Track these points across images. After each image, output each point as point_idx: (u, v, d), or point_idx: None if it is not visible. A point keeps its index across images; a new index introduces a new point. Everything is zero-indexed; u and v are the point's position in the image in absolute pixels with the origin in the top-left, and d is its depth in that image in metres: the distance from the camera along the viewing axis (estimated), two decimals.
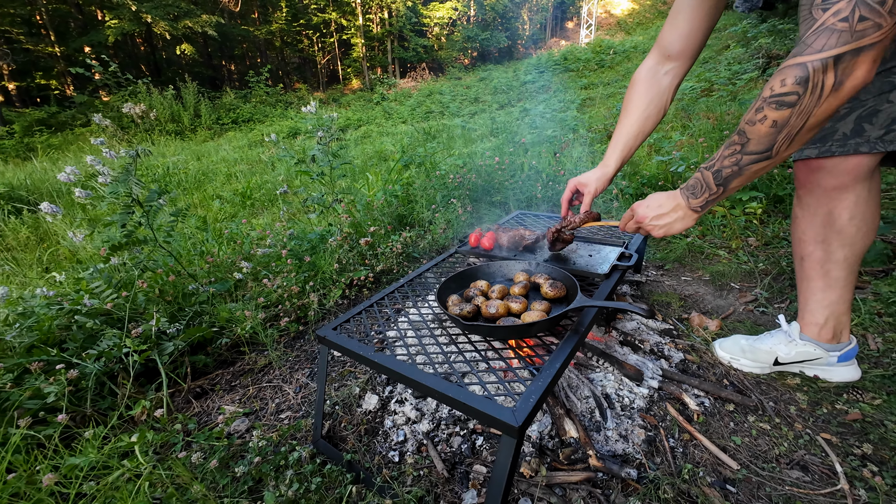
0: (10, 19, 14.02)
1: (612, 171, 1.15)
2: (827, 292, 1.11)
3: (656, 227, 0.96)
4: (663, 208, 0.93)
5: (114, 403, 1.21)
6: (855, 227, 1.05)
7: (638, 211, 0.99)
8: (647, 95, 1.08)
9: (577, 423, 1.05)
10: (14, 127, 10.19)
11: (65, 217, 4.09)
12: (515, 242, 1.50)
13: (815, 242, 1.10)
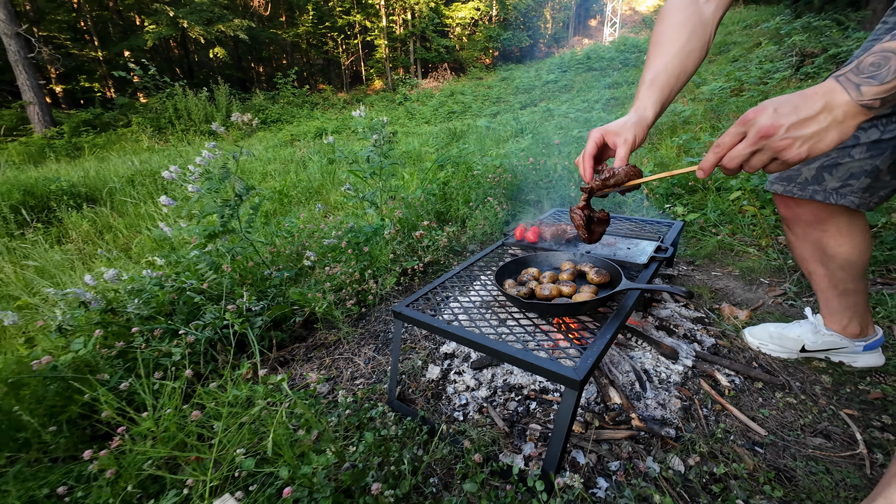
0: (57, 26, 14.91)
1: (651, 115, 0.81)
2: (843, 299, 1.19)
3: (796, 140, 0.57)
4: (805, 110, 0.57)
5: (215, 367, 1.43)
6: (846, 251, 1.08)
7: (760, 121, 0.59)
8: (686, 26, 0.81)
9: (620, 391, 1.20)
10: (63, 127, 10.84)
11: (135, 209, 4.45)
12: (558, 236, 1.65)
13: (815, 262, 1.15)
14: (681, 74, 0.82)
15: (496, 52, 20.91)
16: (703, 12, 0.82)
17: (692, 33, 0.81)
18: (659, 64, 0.81)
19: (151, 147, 10.14)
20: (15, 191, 4.75)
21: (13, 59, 10.22)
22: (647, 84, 0.82)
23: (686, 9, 0.82)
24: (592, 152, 0.83)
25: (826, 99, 0.56)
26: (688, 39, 0.81)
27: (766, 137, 0.58)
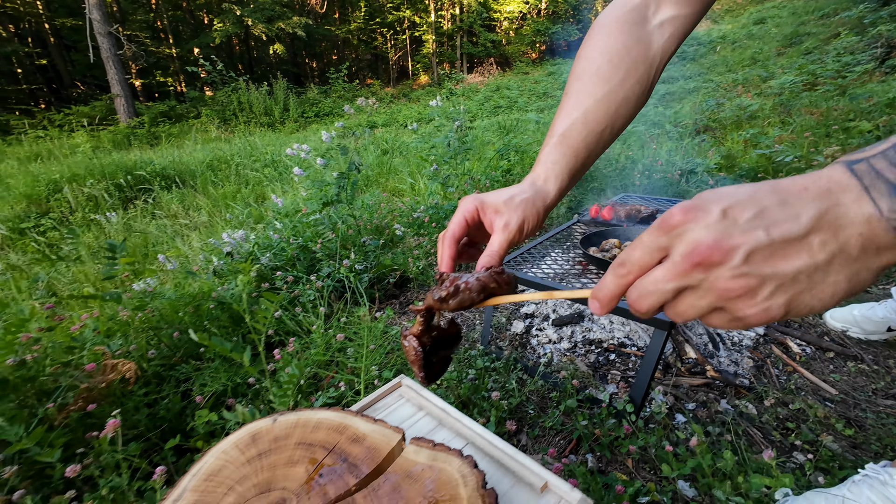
0: (138, 25, 16.40)
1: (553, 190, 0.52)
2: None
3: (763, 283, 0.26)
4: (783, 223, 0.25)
5: (333, 311, 1.70)
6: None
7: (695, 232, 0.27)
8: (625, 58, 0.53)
9: (695, 349, 1.33)
10: (143, 118, 11.96)
11: (215, 189, 4.94)
12: (632, 214, 1.79)
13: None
14: (606, 129, 0.53)
15: (543, 47, 20.61)
16: (650, 41, 0.54)
17: (632, 69, 0.53)
18: (576, 111, 0.53)
19: (218, 137, 10.98)
20: (119, 171, 5.41)
21: (105, 55, 11.39)
22: (557, 140, 0.53)
23: (628, 31, 0.54)
24: (457, 233, 0.50)
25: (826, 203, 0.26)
26: (624, 78, 0.53)
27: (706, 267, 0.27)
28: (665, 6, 0.53)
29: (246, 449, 0.66)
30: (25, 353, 0.88)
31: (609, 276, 0.33)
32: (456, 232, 0.50)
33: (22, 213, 4.66)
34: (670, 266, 0.28)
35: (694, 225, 0.27)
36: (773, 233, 0.25)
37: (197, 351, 1.31)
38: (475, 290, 0.45)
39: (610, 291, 0.33)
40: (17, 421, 0.81)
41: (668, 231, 0.28)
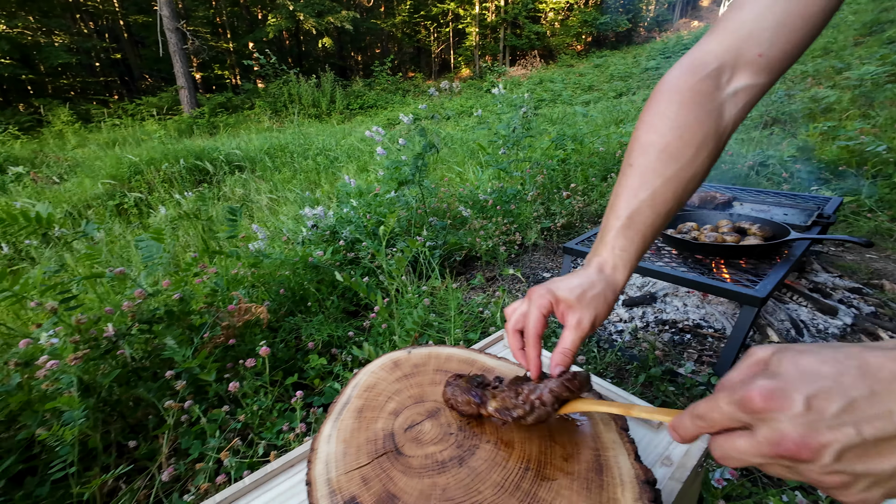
0: (199, 21, 17.45)
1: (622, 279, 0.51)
2: None
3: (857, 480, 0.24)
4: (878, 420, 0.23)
5: (410, 281, 1.81)
6: None
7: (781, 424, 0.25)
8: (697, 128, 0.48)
9: (777, 333, 1.33)
10: (204, 109, 12.74)
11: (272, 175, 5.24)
12: (708, 201, 1.77)
13: None
14: (673, 209, 0.50)
15: (590, 38, 19.96)
16: (722, 112, 0.48)
17: (702, 145, 0.48)
18: (643, 191, 0.49)
19: (270, 127, 11.53)
20: (190, 156, 5.84)
21: (172, 50, 12.21)
22: (623, 223, 0.50)
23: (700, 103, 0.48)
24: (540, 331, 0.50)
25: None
26: (695, 155, 0.48)
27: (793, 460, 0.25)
28: (741, 75, 0.48)
29: (391, 371, 0.76)
30: (182, 292, 1.04)
31: (688, 419, 0.31)
32: (539, 330, 0.49)
33: (108, 192, 5.15)
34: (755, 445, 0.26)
35: (778, 415, 0.25)
36: (864, 431, 0.23)
37: (298, 307, 1.46)
38: (550, 404, 0.48)
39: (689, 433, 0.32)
40: (183, 345, 0.97)
41: (748, 410, 0.26)
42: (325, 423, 0.65)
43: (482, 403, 0.56)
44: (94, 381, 0.90)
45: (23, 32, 12.39)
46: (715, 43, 0.49)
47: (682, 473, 0.60)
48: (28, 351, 0.91)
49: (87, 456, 0.90)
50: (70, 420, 0.79)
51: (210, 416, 0.94)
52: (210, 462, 0.85)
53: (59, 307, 0.89)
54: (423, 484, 0.54)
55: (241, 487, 0.64)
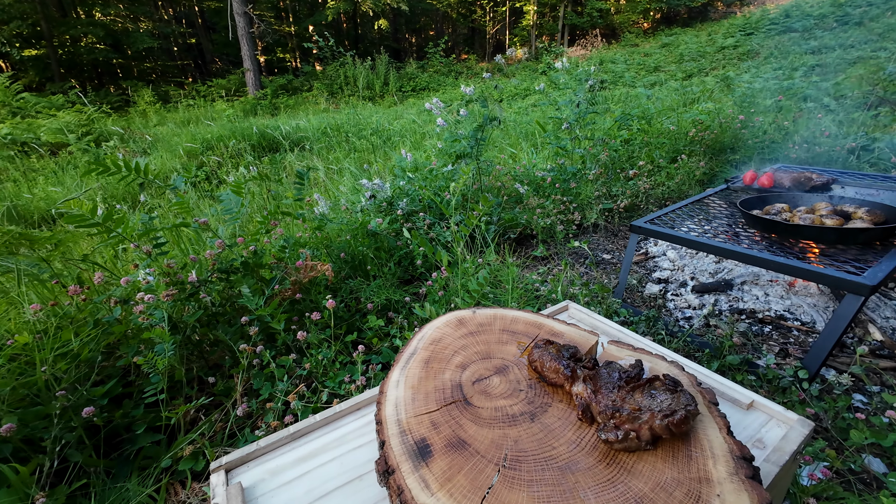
0: (265, 5, 18.23)
1: None
2: None
3: None
4: None
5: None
6: None
7: None
8: None
9: (881, 331, 1.17)
10: (266, 90, 13.38)
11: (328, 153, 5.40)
12: (801, 182, 1.58)
13: None
14: None
15: (658, 15, 18.42)
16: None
17: None
18: None
19: (327, 108, 11.89)
20: (254, 134, 6.18)
21: (240, 33, 12.87)
22: None
23: None
24: None
25: None
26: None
27: None
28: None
29: (456, 328, 0.75)
30: (257, 245, 1.10)
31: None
32: None
33: (185, 165, 5.59)
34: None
35: None
36: None
37: (357, 272, 1.50)
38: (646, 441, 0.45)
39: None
40: (256, 295, 1.02)
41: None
42: (392, 370, 0.66)
43: (571, 378, 0.55)
44: (181, 320, 0.98)
45: (114, 19, 13.63)
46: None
47: (780, 457, 0.54)
48: (127, 289, 1.00)
49: (173, 387, 0.99)
50: (161, 351, 0.86)
51: (279, 361, 0.99)
52: (279, 403, 0.91)
53: (152, 251, 0.97)
54: (494, 434, 0.53)
55: (312, 423, 0.67)
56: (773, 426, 0.60)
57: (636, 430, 0.47)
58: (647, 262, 1.75)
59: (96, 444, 0.85)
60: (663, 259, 1.73)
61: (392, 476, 0.48)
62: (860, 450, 0.87)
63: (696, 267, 1.61)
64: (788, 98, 4.30)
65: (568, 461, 0.49)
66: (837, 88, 4.53)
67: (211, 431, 0.93)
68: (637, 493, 0.44)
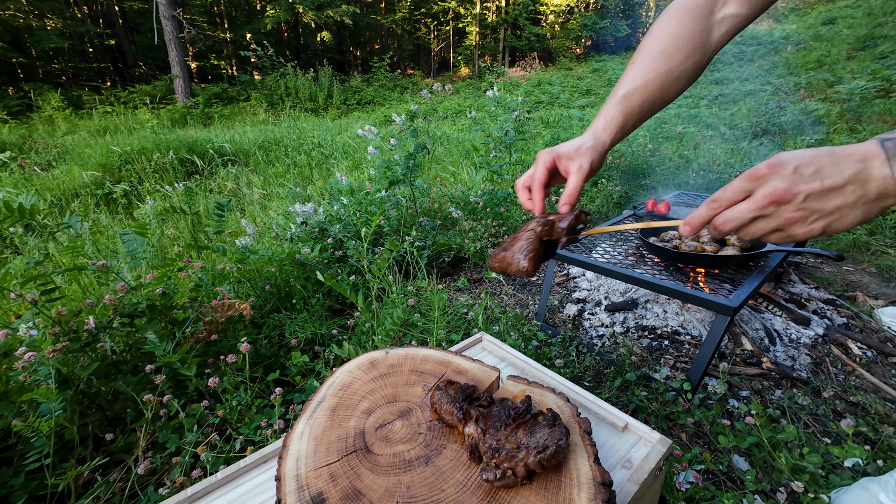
0: (197, 10, 17.23)
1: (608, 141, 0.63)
2: None
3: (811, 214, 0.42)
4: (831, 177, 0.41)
5: (395, 281, 1.82)
6: None
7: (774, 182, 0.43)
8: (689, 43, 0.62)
9: (751, 342, 1.36)
10: (199, 99, 12.58)
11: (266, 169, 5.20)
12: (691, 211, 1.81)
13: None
14: (658, 99, 0.63)
15: (589, 42, 20.05)
16: (711, 31, 0.62)
17: (691, 53, 0.62)
18: (639, 79, 0.62)
19: (266, 120, 11.42)
20: (182, 147, 5.79)
21: (168, 38, 12.05)
22: (618, 100, 0.63)
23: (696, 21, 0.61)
24: (544, 180, 0.62)
25: (861, 166, 0.40)
26: (684, 60, 0.62)
27: (778, 204, 0.42)
28: (731, 3, 0.61)
29: (368, 371, 0.78)
30: (165, 286, 1.05)
31: (703, 209, 0.47)
32: (543, 179, 0.62)
33: (97, 181, 5.08)
34: (753, 202, 0.43)
35: (775, 175, 0.41)
36: (825, 183, 0.40)
37: (284, 304, 1.46)
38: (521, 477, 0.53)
39: (702, 218, 0.47)
40: (164, 340, 0.97)
41: (754, 179, 0.42)
42: (298, 420, 0.66)
43: (463, 419, 0.60)
44: (73, 373, 0.90)
45: (14, 14, 12.14)
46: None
47: (640, 476, 0.63)
48: (6, 342, 0.91)
49: (64, 448, 0.91)
50: (47, 412, 0.79)
51: (189, 410, 0.95)
52: (187, 456, 0.87)
53: (39, 298, 0.89)
54: (389, 482, 0.55)
55: (215, 481, 0.65)
56: (641, 446, 0.69)
57: (513, 467, 0.53)
58: (569, 283, 1.89)
59: None
60: (582, 279, 1.87)
61: None
62: (728, 451, 1.01)
63: (610, 287, 1.76)
64: (695, 126, 4.88)
65: (454, 502, 0.53)
66: (732, 118, 5.21)
67: (108, 493, 0.86)
68: None
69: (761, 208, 0.43)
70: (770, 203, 0.42)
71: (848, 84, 5.11)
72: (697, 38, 0.62)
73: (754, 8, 0.61)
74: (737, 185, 0.44)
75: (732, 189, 0.44)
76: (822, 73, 7.52)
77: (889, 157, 0.39)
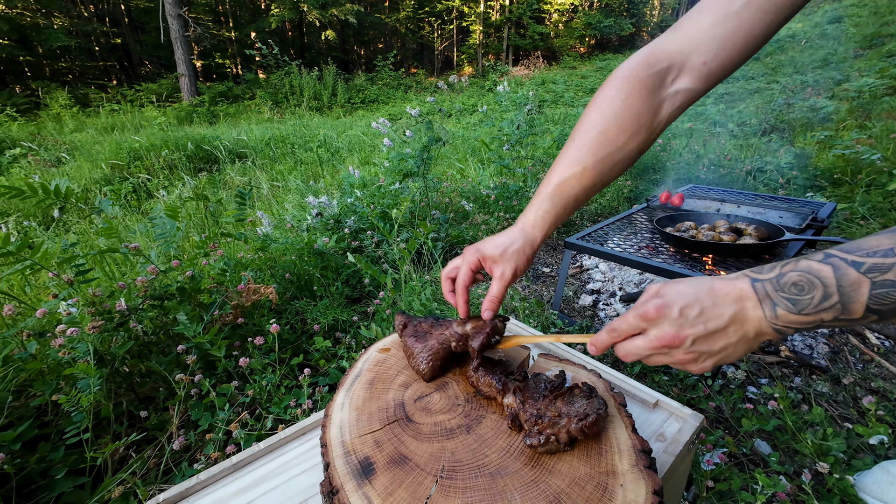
0: (202, 8, 17.30)
1: (540, 237, 0.60)
2: None
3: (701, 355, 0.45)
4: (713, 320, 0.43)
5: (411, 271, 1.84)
6: None
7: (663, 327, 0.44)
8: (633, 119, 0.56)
9: None
10: (204, 97, 12.64)
11: (272, 165, 5.23)
12: (707, 204, 1.82)
13: None
14: (597, 186, 0.58)
15: (593, 41, 20.02)
16: (661, 108, 0.56)
17: (635, 134, 0.56)
18: (576, 165, 0.57)
19: (271, 118, 11.46)
20: (189, 143, 5.82)
21: (174, 36, 12.11)
22: (551, 190, 0.58)
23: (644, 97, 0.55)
24: (467, 282, 0.62)
25: (738, 307, 0.41)
26: (627, 141, 0.56)
27: (669, 347, 0.43)
28: (684, 78, 0.54)
29: (400, 348, 0.79)
30: (194, 269, 1.06)
31: (604, 334, 0.48)
32: (467, 281, 0.63)
33: (107, 177, 5.12)
34: (647, 341, 0.44)
35: (663, 319, 0.43)
36: (708, 326, 0.42)
37: (303, 292, 1.48)
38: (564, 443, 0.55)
39: (604, 344, 0.49)
40: (194, 321, 0.99)
41: (646, 320, 0.44)
42: (337, 392, 0.68)
43: (502, 391, 0.61)
44: (108, 352, 0.92)
45: (22, 13, 12.23)
46: (672, 42, 0.55)
47: (676, 447, 0.64)
48: (42, 321, 0.93)
49: (99, 425, 0.93)
50: (86, 387, 0.81)
51: (220, 389, 0.97)
52: (219, 433, 0.88)
53: (74, 279, 0.91)
54: (433, 447, 0.57)
55: (256, 451, 0.67)
56: (673, 421, 0.70)
57: (555, 433, 0.54)
58: (582, 275, 1.90)
59: (6, 494, 0.77)
60: (596, 271, 1.89)
61: (336, 496, 0.50)
62: (751, 435, 1.02)
63: (624, 278, 1.77)
64: (701, 122, 4.88)
65: (498, 467, 0.54)
66: (740, 116, 5.20)
67: (143, 469, 0.88)
68: (556, 489, 0.51)
69: (655, 348, 0.44)
70: (662, 346, 0.43)
71: (856, 82, 5.09)
72: (644, 118, 0.55)
73: (709, 82, 0.54)
74: (630, 321, 0.45)
75: (627, 324, 0.46)
76: (828, 71, 7.49)
77: (760, 299, 0.40)
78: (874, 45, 8.33)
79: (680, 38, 0.54)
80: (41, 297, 1.19)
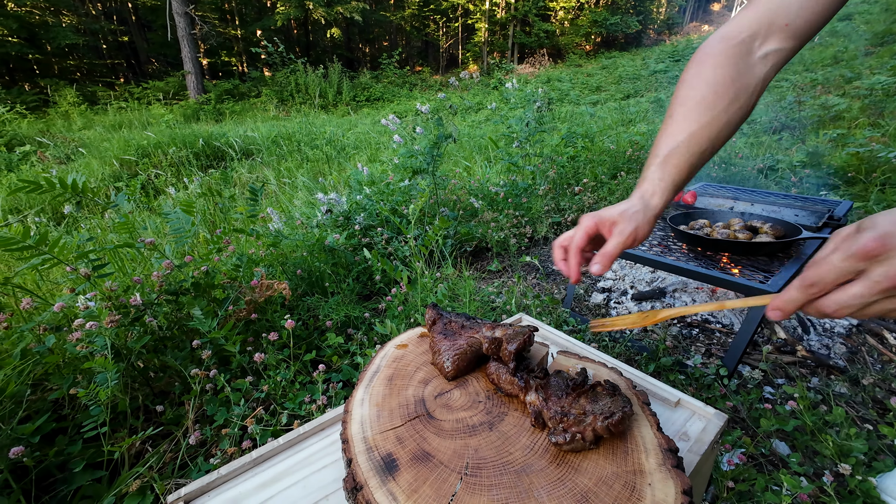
0: (208, 6, 17.35)
1: (659, 204, 0.59)
2: None
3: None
4: None
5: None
6: None
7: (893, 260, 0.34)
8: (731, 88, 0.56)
9: (785, 331, 1.35)
10: (210, 95, 12.69)
11: (279, 162, 5.24)
12: (720, 203, 1.79)
13: None
14: (707, 151, 0.58)
15: (599, 39, 19.88)
16: (754, 71, 0.56)
17: (736, 97, 0.56)
18: (681, 133, 0.57)
19: (277, 116, 11.49)
20: (197, 141, 5.85)
21: (180, 34, 12.16)
22: (662, 160, 0.58)
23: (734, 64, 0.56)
24: (581, 245, 0.58)
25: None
26: (728, 105, 0.56)
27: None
28: (772, 40, 0.56)
29: (418, 344, 0.79)
30: (209, 265, 1.07)
31: (795, 292, 0.39)
32: (581, 244, 0.58)
33: (117, 173, 5.16)
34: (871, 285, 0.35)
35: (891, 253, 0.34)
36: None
37: (314, 289, 1.48)
38: (590, 442, 0.54)
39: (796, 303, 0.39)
40: (209, 317, 0.99)
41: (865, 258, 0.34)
42: (356, 388, 0.68)
43: (524, 388, 0.60)
44: (124, 346, 0.93)
45: (31, 11, 12.32)
46: (747, 17, 0.57)
47: (700, 447, 0.63)
48: (59, 315, 0.93)
49: (115, 419, 0.93)
50: (103, 381, 0.81)
51: (234, 385, 0.97)
52: (235, 428, 0.88)
53: (91, 273, 0.91)
54: (456, 444, 0.56)
55: (276, 446, 0.66)
56: (695, 420, 0.69)
57: (581, 431, 0.53)
58: None
59: (25, 487, 0.77)
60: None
61: (360, 492, 0.50)
62: (769, 435, 1.01)
63: (635, 277, 1.76)
64: None
65: (523, 464, 0.53)
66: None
67: (160, 463, 0.88)
68: (583, 488, 0.50)
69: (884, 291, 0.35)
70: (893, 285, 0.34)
71: (868, 79, 5.02)
72: (739, 81, 0.56)
73: (800, 40, 0.55)
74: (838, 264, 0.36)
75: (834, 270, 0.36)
76: (839, 69, 7.39)
77: None
78: (886, 43, 8.21)
79: (758, 8, 0.56)
80: (54, 292, 1.20)
